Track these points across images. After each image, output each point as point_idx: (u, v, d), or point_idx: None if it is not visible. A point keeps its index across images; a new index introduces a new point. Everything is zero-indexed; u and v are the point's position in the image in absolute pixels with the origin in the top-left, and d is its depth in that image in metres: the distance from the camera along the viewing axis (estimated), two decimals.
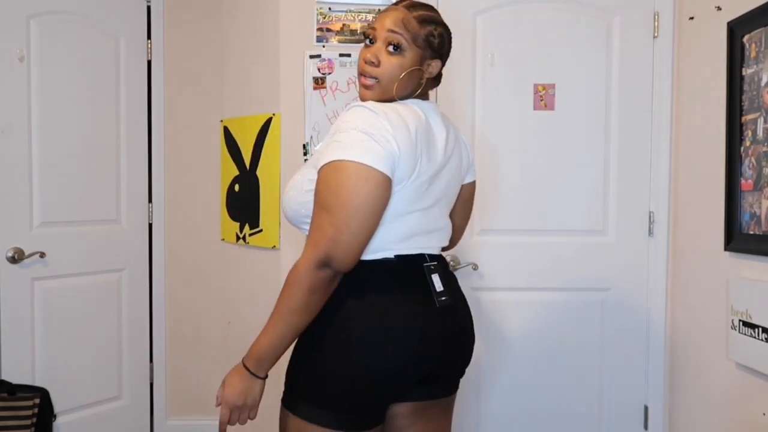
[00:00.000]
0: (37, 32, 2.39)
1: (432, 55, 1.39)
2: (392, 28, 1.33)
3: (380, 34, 1.35)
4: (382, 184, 1.22)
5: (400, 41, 1.33)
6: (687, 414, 2.26)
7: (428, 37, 1.36)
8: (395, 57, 1.34)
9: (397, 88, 1.35)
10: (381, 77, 1.34)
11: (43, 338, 2.44)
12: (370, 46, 1.36)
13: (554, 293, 2.41)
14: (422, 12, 1.37)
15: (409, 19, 1.35)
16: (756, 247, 1.83)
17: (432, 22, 1.38)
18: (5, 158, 2.33)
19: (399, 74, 1.34)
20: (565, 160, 2.38)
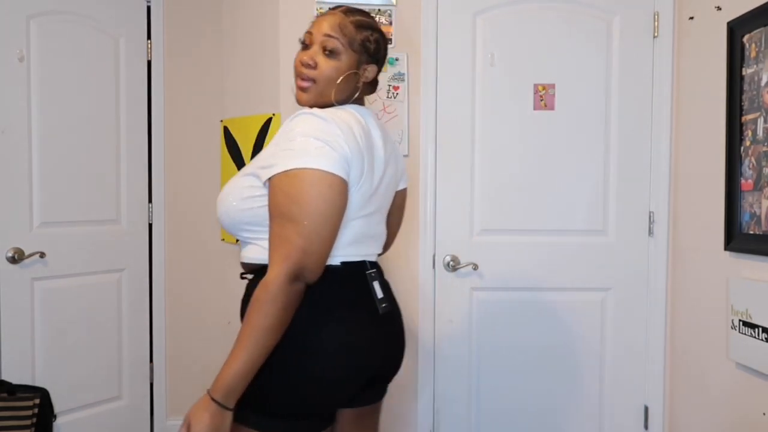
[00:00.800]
0: (37, 32, 2.39)
1: (368, 59, 1.39)
2: (328, 33, 1.34)
3: (316, 39, 1.35)
4: (343, 190, 1.22)
5: (336, 45, 1.34)
6: (687, 414, 2.26)
7: (364, 42, 1.37)
8: (332, 60, 1.35)
9: (335, 92, 1.35)
10: (317, 79, 1.34)
11: (43, 338, 2.44)
12: (306, 50, 1.37)
13: (554, 293, 2.41)
14: (359, 17, 1.38)
15: (346, 23, 1.36)
16: (756, 247, 1.83)
17: (368, 27, 1.39)
18: (5, 158, 2.33)
19: (335, 77, 1.35)
20: (565, 160, 2.38)
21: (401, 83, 2.39)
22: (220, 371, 1.19)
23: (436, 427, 2.46)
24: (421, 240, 2.42)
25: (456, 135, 2.39)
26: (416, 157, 2.41)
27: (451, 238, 2.41)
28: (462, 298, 2.42)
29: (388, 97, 2.39)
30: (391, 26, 2.39)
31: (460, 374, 2.43)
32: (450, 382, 2.44)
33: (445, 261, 2.40)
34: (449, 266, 2.39)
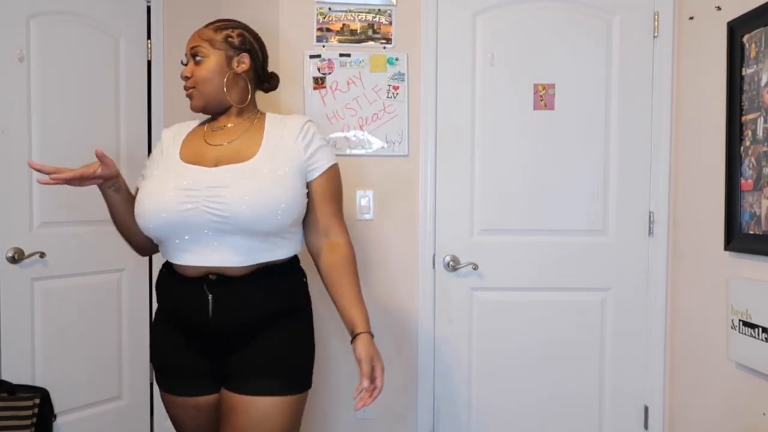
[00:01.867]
0: (37, 32, 2.39)
1: (236, 51, 1.58)
2: (192, 44, 1.57)
3: (187, 54, 1.58)
4: None
5: (199, 50, 1.56)
6: (687, 414, 2.26)
7: (226, 39, 1.59)
8: (201, 64, 1.55)
9: (228, 92, 1.56)
10: (196, 84, 1.55)
11: (43, 338, 2.44)
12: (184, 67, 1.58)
13: (554, 293, 2.41)
14: (218, 22, 1.63)
15: (204, 31, 1.60)
16: (756, 247, 1.83)
17: (227, 27, 1.62)
18: (5, 158, 2.33)
19: (210, 76, 1.55)
20: (565, 160, 2.38)
21: (401, 83, 2.39)
22: (361, 312, 1.48)
23: (436, 427, 2.46)
24: (420, 240, 2.42)
25: (456, 135, 2.39)
26: (416, 157, 2.41)
27: (451, 238, 2.41)
28: (462, 298, 2.42)
29: (388, 97, 2.39)
30: (391, 26, 2.39)
31: (460, 374, 2.43)
32: (450, 382, 2.44)
33: (445, 261, 2.40)
34: (449, 266, 2.39)
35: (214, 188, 1.41)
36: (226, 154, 1.50)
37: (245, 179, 1.42)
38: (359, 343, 1.45)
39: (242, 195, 1.39)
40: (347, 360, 2.48)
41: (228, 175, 1.44)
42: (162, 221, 1.42)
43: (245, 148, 1.51)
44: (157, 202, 1.43)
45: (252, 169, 1.44)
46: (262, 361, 1.47)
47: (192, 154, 1.53)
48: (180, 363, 1.53)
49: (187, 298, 1.47)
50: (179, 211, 1.41)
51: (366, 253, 2.45)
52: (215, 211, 1.40)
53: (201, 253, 1.44)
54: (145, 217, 1.45)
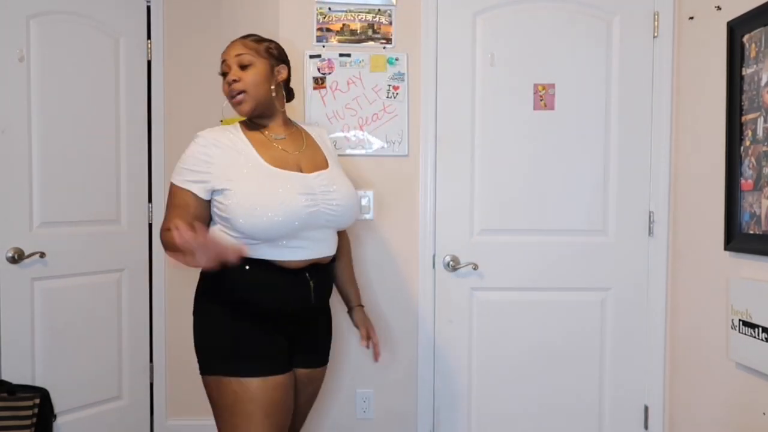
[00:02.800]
0: (37, 32, 2.39)
1: (277, 62, 1.72)
2: (238, 52, 1.67)
3: (231, 62, 1.67)
4: None
5: (248, 58, 1.66)
6: (687, 414, 2.26)
7: (268, 49, 1.71)
8: (249, 70, 1.66)
9: (274, 98, 1.70)
10: (246, 88, 1.65)
11: (43, 338, 2.44)
12: (225, 78, 1.68)
13: (554, 293, 2.41)
14: (253, 36, 1.73)
15: (244, 41, 1.70)
16: (756, 246, 1.83)
17: (264, 40, 1.73)
18: (5, 158, 2.33)
19: (259, 80, 1.66)
20: (565, 160, 2.38)
21: (401, 83, 2.39)
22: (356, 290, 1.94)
23: (436, 427, 2.46)
24: (420, 240, 2.42)
25: (456, 135, 2.39)
26: (416, 157, 2.42)
27: (451, 238, 2.41)
28: (462, 298, 2.42)
29: (388, 97, 2.39)
30: (391, 26, 2.39)
31: (460, 374, 2.44)
32: (450, 381, 2.44)
33: (445, 261, 2.40)
34: (449, 266, 2.39)
35: (326, 192, 1.64)
36: (307, 161, 1.69)
37: (340, 183, 1.69)
38: (357, 312, 1.91)
39: (347, 196, 1.68)
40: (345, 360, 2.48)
41: (329, 180, 1.67)
42: (291, 222, 1.56)
43: (315, 155, 1.74)
44: (285, 207, 1.55)
45: (336, 175, 1.71)
46: (322, 337, 1.81)
47: (276, 160, 1.64)
48: (271, 347, 1.63)
49: (290, 286, 1.62)
50: (306, 213, 1.58)
51: (366, 252, 2.45)
52: (332, 211, 1.64)
53: (309, 248, 1.64)
54: (267, 221, 1.54)
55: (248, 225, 1.55)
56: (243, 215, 1.55)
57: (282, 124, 1.74)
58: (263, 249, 1.60)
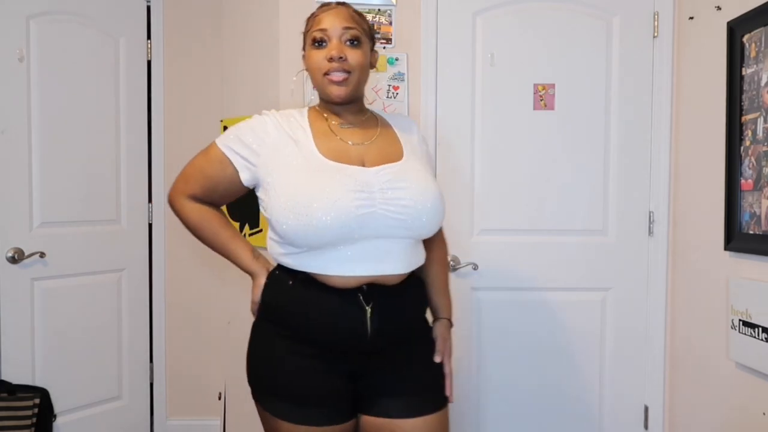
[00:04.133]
0: (37, 32, 2.39)
1: (372, 45, 1.45)
2: (347, 25, 1.37)
3: (333, 33, 1.36)
4: None
5: (357, 34, 1.37)
6: (687, 414, 2.26)
7: (370, 29, 1.45)
8: (357, 49, 1.37)
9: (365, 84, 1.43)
10: (352, 70, 1.36)
11: (43, 338, 2.44)
12: (321, 49, 1.37)
13: (554, 293, 2.41)
14: (352, 8, 1.43)
15: (353, 13, 1.40)
16: (756, 246, 1.83)
17: (364, 16, 1.44)
18: (5, 158, 2.33)
19: (365, 65, 1.40)
20: (565, 160, 2.38)
21: (401, 83, 2.39)
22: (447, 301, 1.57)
23: None
24: None
25: (456, 135, 2.39)
26: None
27: (450, 238, 2.39)
28: (462, 298, 2.41)
29: (388, 97, 2.39)
30: (391, 26, 2.39)
31: (460, 374, 2.43)
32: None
33: None
34: (449, 266, 2.39)
35: (388, 190, 1.29)
36: (373, 154, 1.37)
37: (413, 180, 1.33)
38: (438, 326, 1.51)
39: (420, 195, 1.31)
40: None
41: (395, 176, 1.32)
42: (336, 227, 1.25)
43: (389, 147, 1.40)
44: (331, 208, 1.24)
45: (410, 169, 1.36)
46: (417, 372, 1.39)
47: (333, 152, 1.35)
48: (316, 388, 1.32)
49: (337, 311, 1.29)
50: (357, 215, 1.26)
51: None
52: (395, 214, 1.28)
53: (366, 261, 1.30)
54: (309, 224, 1.25)
55: (288, 228, 1.27)
56: (282, 214, 1.28)
57: (356, 112, 1.44)
58: (305, 258, 1.31)
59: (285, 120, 1.40)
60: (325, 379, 1.32)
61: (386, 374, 1.35)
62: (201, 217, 1.45)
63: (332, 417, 1.32)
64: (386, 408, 1.34)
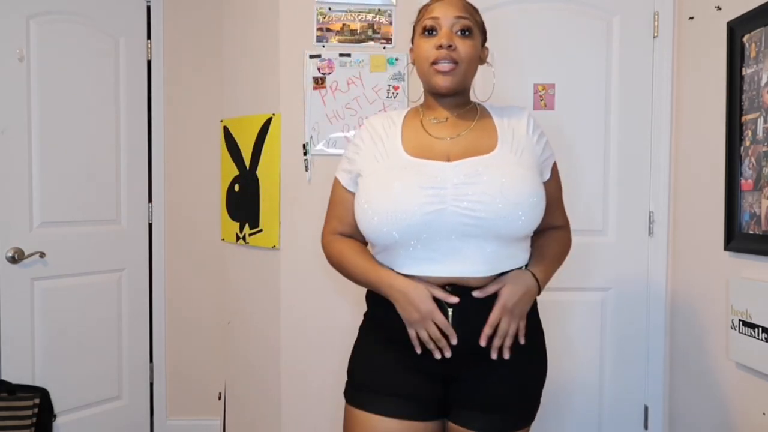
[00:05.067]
0: (37, 32, 2.39)
1: (484, 41, 1.42)
2: (460, 14, 1.33)
3: (444, 22, 1.32)
4: None
5: (469, 25, 1.33)
6: (687, 414, 2.26)
7: (482, 23, 1.40)
8: (468, 40, 1.33)
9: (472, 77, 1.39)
10: (459, 60, 1.32)
11: (43, 338, 2.44)
12: (431, 38, 1.33)
13: (554, 293, 2.39)
14: (467, 0, 1.39)
15: (467, 4, 1.36)
16: (756, 246, 1.83)
17: (477, 9, 1.40)
18: (5, 158, 2.33)
19: (475, 57, 1.36)
20: (565, 160, 2.37)
21: (401, 83, 2.39)
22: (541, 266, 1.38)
23: None
24: None
25: None
26: None
27: None
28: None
29: (388, 97, 2.39)
30: (391, 26, 2.39)
31: None
32: None
33: None
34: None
35: (463, 185, 1.22)
36: (459, 148, 1.31)
37: (497, 172, 1.24)
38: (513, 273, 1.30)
39: (499, 190, 1.21)
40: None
41: (475, 169, 1.25)
42: (401, 226, 1.21)
43: (480, 140, 1.33)
44: (395, 205, 1.22)
45: (500, 162, 1.27)
46: (496, 392, 1.30)
47: (418, 148, 1.32)
48: (403, 383, 1.31)
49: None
50: (424, 213, 1.21)
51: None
52: (468, 212, 1.21)
53: (441, 262, 1.24)
54: (376, 221, 1.23)
55: (362, 227, 1.28)
56: (357, 214, 1.28)
57: (457, 105, 1.39)
58: (386, 257, 1.31)
59: (382, 120, 1.41)
60: (414, 376, 1.31)
61: (475, 384, 1.30)
62: (339, 249, 1.38)
63: (411, 413, 1.31)
64: (466, 420, 1.32)
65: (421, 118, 1.39)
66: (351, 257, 1.35)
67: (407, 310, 1.24)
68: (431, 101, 1.40)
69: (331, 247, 1.40)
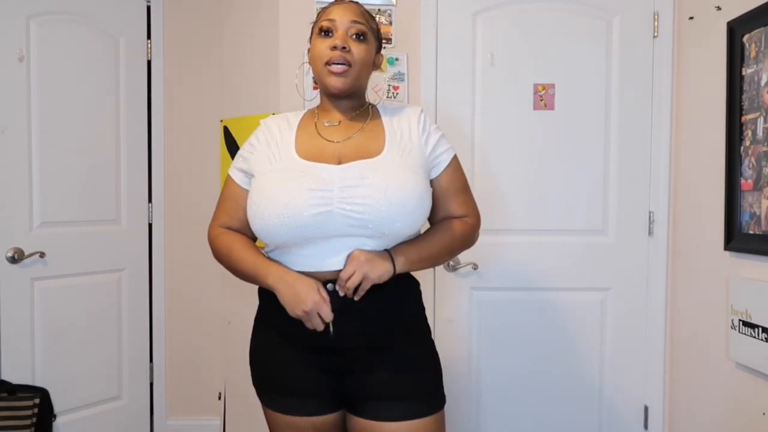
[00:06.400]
0: (37, 32, 2.39)
1: (379, 47, 1.47)
2: (355, 19, 1.39)
3: (341, 25, 1.38)
4: None
5: (364, 30, 1.39)
6: (687, 414, 2.26)
7: (378, 30, 1.47)
8: (362, 44, 1.39)
9: (365, 81, 1.44)
10: (352, 62, 1.37)
11: (43, 338, 2.44)
12: (327, 38, 1.38)
13: (554, 293, 2.41)
14: (365, 8, 1.46)
15: (363, 10, 1.43)
16: (756, 246, 1.83)
17: (374, 17, 1.47)
18: (5, 158, 2.33)
19: (368, 61, 1.41)
20: (565, 160, 2.38)
21: (401, 83, 2.39)
22: (405, 249, 1.35)
23: None
24: None
25: (456, 135, 2.38)
26: None
27: None
28: (462, 298, 2.42)
29: (388, 97, 2.39)
30: (391, 26, 2.39)
31: (460, 374, 2.43)
32: (449, 382, 2.43)
33: None
34: (449, 266, 2.39)
35: (348, 188, 1.27)
36: (349, 150, 1.36)
37: (382, 176, 1.29)
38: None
39: (383, 193, 1.26)
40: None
41: (360, 172, 1.30)
42: (291, 226, 1.26)
43: (369, 142, 1.38)
44: (284, 207, 1.26)
45: (385, 165, 1.32)
46: (391, 381, 1.35)
47: (310, 151, 1.36)
48: (298, 381, 1.37)
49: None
50: (311, 215, 1.26)
51: None
52: (354, 213, 1.26)
53: (329, 259, 1.30)
54: (268, 222, 1.27)
55: (254, 228, 1.33)
56: (249, 215, 1.33)
57: (351, 108, 1.44)
58: (278, 256, 1.36)
59: (278, 121, 1.45)
60: (306, 373, 1.36)
61: (373, 376, 1.35)
62: (228, 243, 1.41)
63: (311, 409, 1.38)
64: (373, 410, 1.35)
65: (316, 121, 1.43)
66: (240, 250, 1.38)
67: (292, 302, 1.28)
68: (326, 103, 1.45)
69: (219, 241, 1.43)
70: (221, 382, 2.79)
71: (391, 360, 1.35)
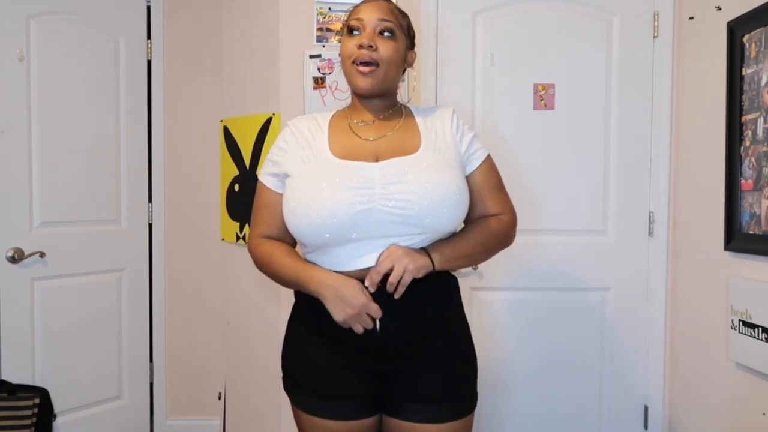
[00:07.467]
0: (37, 32, 2.39)
1: (410, 45, 1.45)
2: (383, 16, 1.37)
3: (368, 23, 1.36)
4: None
5: (392, 27, 1.37)
6: (687, 414, 2.26)
7: (409, 27, 1.44)
8: (390, 41, 1.37)
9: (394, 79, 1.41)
10: (380, 61, 1.35)
11: (43, 338, 2.44)
12: (355, 36, 1.37)
13: (554, 293, 2.41)
14: (396, 5, 1.44)
15: (393, 8, 1.41)
16: (756, 246, 1.83)
17: (406, 14, 1.45)
18: (5, 158, 2.33)
19: (396, 59, 1.38)
20: (565, 160, 2.38)
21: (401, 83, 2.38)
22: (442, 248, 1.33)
23: None
24: None
25: None
26: None
27: None
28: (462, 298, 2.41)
29: None
30: None
31: None
32: None
33: None
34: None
35: (389, 184, 1.27)
36: (386, 148, 1.35)
37: (422, 172, 1.29)
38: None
39: (424, 188, 1.26)
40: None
41: (400, 168, 1.29)
42: (331, 225, 1.24)
43: (405, 141, 1.37)
44: (324, 206, 1.24)
45: (424, 162, 1.32)
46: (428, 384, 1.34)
47: (345, 150, 1.35)
48: (337, 384, 1.34)
49: None
50: (353, 212, 1.24)
51: None
52: (395, 209, 1.26)
53: (371, 258, 1.28)
54: (306, 222, 1.26)
55: (293, 229, 1.31)
56: (287, 216, 1.31)
57: (382, 108, 1.43)
58: (317, 257, 1.34)
59: (307, 122, 1.43)
60: (346, 375, 1.34)
61: (413, 377, 1.34)
62: (268, 251, 1.38)
63: (349, 413, 1.35)
64: (407, 413, 1.34)
65: (349, 121, 1.42)
66: (280, 258, 1.36)
67: (339, 305, 1.26)
68: (357, 104, 1.44)
69: (259, 250, 1.40)
70: (221, 382, 2.79)
71: (431, 360, 1.34)
